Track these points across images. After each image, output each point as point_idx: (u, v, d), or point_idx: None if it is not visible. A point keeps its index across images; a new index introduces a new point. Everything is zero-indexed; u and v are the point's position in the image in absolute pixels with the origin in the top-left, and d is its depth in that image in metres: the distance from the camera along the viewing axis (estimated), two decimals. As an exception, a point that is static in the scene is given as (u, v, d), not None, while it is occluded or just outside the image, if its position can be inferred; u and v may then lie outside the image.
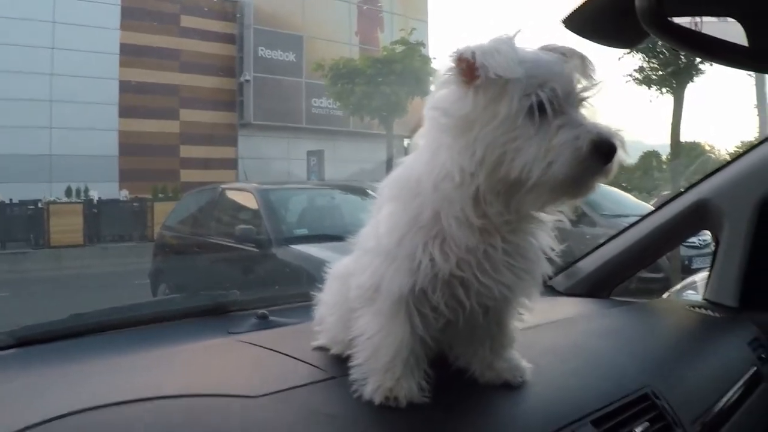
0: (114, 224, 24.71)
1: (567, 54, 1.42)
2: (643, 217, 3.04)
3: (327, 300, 1.75)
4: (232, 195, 11.04)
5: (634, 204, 12.76)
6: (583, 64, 1.43)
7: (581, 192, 1.42)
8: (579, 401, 1.67)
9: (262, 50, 34.03)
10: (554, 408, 1.60)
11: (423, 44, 29.22)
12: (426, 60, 27.98)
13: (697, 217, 2.91)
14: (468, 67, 1.34)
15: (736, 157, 3.03)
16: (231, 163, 32.16)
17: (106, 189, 26.72)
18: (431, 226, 1.42)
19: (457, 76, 1.36)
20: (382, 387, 1.45)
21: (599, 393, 1.75)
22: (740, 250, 2.81)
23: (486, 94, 1.34)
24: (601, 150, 1.34)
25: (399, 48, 28.10)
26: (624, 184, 19.78)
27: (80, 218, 23.88)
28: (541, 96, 1.34)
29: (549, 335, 2.17)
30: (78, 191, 25.77)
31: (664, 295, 5.07)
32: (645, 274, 8.16)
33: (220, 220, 10.74)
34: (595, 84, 1.43)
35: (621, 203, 12.24)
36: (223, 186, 11.60)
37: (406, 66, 27.02)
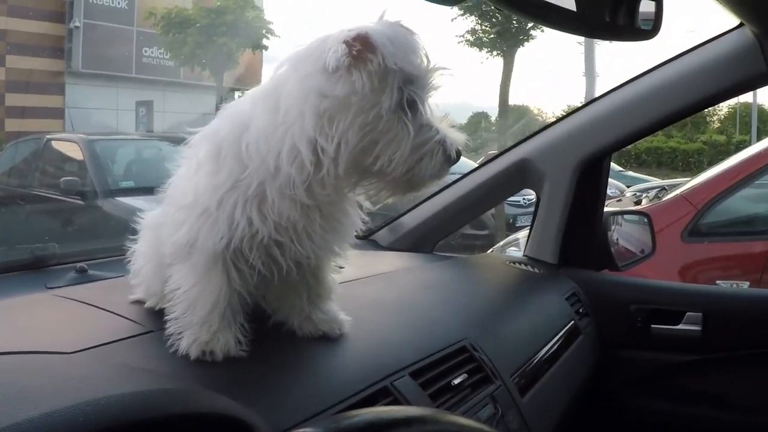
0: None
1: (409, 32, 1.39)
2: (466, 174, 3.10)
3: (141, 251, 1.71)
4: (57, 145, 10.71)
5: (461, 162, 13.05)
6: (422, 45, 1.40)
7: (424, 189, 1.45)
8: (398, 354, 1.69)
9: (93, -5, 32.68)
10: (373, 360, 1.62)
11: (256, -5, 28.98)
12: (258, 11, 28.00)
13: (519, 176, 2.99)
14: (362, 50, 1.29)
15: (558, 119, 3.13)
16: (58, 113, 30.86)
17: (-74, 139, 25.19)
18: (253, 191, 1.40)
19: (348, 56, 1.29)
20: (198, 341, 1.42)
21: (419, 345, 1.77)
22: (559, 210, 2.91)
23: (371, 80, 1.30)
24: (458, 155, 1.40)
25: (232, -1, 27.72)
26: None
27: None
28: (413, 91, 1.34)
29: (371, 289, 2.19)
30: None
31: (488, 252, 5.23)
32: (470, 230, 8.38)
33: (45, 172, 10.39)
34: (442, 71, 1.41)
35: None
36: (48, 136, 11.22)
37: (238, 17, 26.84)
